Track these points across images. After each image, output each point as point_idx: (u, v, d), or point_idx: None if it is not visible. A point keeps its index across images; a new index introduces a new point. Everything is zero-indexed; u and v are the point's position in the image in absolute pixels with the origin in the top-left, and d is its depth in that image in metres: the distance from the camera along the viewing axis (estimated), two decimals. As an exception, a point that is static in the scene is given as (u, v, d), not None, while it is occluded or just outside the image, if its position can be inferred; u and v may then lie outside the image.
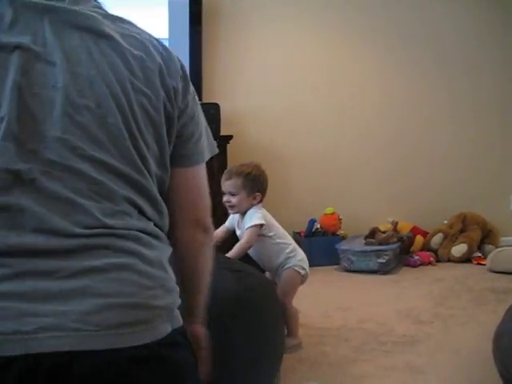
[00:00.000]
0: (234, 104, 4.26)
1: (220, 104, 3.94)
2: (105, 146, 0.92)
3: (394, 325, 2.82)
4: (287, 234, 2.69)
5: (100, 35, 0.96)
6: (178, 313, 0.97)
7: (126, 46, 0.98)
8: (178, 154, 1.05)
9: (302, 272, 2.56)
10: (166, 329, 0.91)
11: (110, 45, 0.96)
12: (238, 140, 4.06)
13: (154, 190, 1.00)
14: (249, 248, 2.52)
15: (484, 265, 3.96)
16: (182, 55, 4.01)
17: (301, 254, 2.60)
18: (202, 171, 1.11)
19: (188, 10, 3.98)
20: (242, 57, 4.29)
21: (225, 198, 2.55)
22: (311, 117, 4.42)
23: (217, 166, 3.76)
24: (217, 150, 1.18)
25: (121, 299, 0.86)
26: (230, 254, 2.44)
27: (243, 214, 2.57)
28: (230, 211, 2.60)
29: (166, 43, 3.96)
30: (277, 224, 2.66)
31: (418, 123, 4.58)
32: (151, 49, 1.01)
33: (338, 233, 4.25)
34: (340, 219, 4.23)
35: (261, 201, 2.61)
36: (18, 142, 0.87)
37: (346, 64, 4.45)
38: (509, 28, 4.63)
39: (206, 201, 1.12)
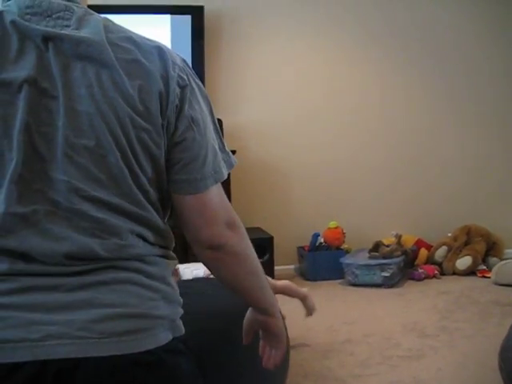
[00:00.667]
0: (237, 119, 4.27)
1: (223, 119, 3.95)
2: (105, 185, 0.94)
3: (400, 339, 2.81)
4: None
5: (101, 65, 0.95)
6: (180, 322, 1.02)
7: (127, 76, 0.96)
8: (181, 180, 1.03)
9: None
10: (167, 336, 0.96)
11: (111, 76, 0.95)
12: (241, 155, 4.07)
13: (157, 219, 1.02)
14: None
15: (489, 277, 3.93)
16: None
17: None
18: (210, 194, 1.06)
19: (190, 26, 4.02)
20: (243, 72, 4.31)
21: None
22: (313, 130, 4.43)
23: (220, 181, 3.78)
24: (234, 163, 1.20)
25: (124, 309, 0.92)
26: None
27: None
28: None
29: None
30: None
31: (420, 136, 4.58)
32: (152, 72, 0.99)
33: (341, 247, 4.24)
34: (344, 233, 4.22)
35: None
36: (24, 183, 0.90)
37: (346, 76, 4.47)
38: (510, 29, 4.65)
39: (219, 221, 1.06)
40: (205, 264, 1.12)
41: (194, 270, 2.42)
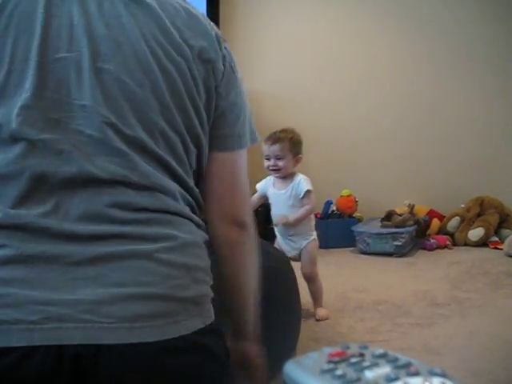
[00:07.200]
0: (251, 84, 4.23)
1: (238, 84, 3.93)
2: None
3: (411, 307, 2.82)
4: None
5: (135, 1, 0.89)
6: (210, 307, 0.86)
7: (163, 13, 0.90)
8: (216, 135, 0.97)
9: (318, 243, 2.75)
10: (194, 324, 0.80)
11: (144, 11, 0.89)
12: (256, 119, 4.04)
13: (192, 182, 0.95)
14: (313, 211, 2.72)
15: (501, 249, 3.93)
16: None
17: None
18: (241, 159, 0.99)
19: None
20: (258, 36, 4.27)
21: (270, 163, 2.61)
22: (326, 96, 4.39)
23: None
24: (258, 138, 1.10)
25: (137, 289, 0.76)
26: (295, 216, 2.59)
27: (283, 177, 2.66)
28: (274, 175, 2.66)
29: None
30: None
31: (434, 103, 4.53)
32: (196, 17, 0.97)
33: (354, 215, 4.24)
34: (356, 201, 4.22)
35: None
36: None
37: (359, 41, 4.41)
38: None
39: (245, 195, 1.00)
40: (220, 248, 0.98)
41: None
